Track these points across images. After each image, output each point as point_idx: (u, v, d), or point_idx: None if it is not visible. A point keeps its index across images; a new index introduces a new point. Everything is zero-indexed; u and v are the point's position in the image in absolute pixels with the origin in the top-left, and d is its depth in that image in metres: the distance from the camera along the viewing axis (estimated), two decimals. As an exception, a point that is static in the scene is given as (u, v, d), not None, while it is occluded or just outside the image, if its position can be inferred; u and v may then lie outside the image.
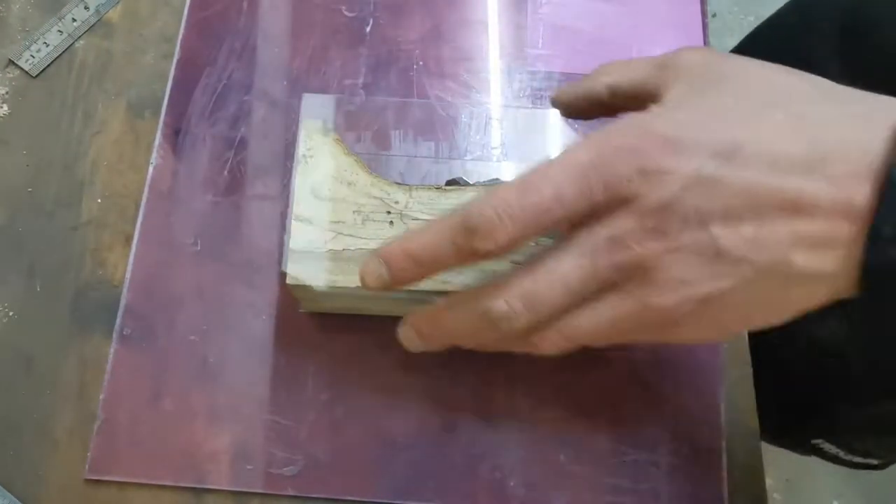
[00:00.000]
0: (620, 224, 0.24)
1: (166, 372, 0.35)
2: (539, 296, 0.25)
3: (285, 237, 0.31)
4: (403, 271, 0.26)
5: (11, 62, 0.40)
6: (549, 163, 0.24)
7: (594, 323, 0.25)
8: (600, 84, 0.29)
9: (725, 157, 0.23)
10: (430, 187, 0.32)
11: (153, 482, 0.33)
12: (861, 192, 0.22)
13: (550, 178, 0.24)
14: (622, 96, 0.29)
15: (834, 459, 0.50)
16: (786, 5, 0.57)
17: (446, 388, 0.35)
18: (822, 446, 0.49)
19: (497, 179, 0.36)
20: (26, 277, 0.36)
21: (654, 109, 0.25)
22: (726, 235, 0.23)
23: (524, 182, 0.24)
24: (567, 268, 0.25)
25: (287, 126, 0.39)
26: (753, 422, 0.36)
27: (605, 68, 0.30)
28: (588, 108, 0.31)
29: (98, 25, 0.41)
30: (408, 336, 0.29)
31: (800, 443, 0.52)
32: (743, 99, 0.24)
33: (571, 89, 0.31)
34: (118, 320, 0.35)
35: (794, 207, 0.22)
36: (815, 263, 0.22)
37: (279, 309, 0.36)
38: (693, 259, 0.23)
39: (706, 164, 0.23)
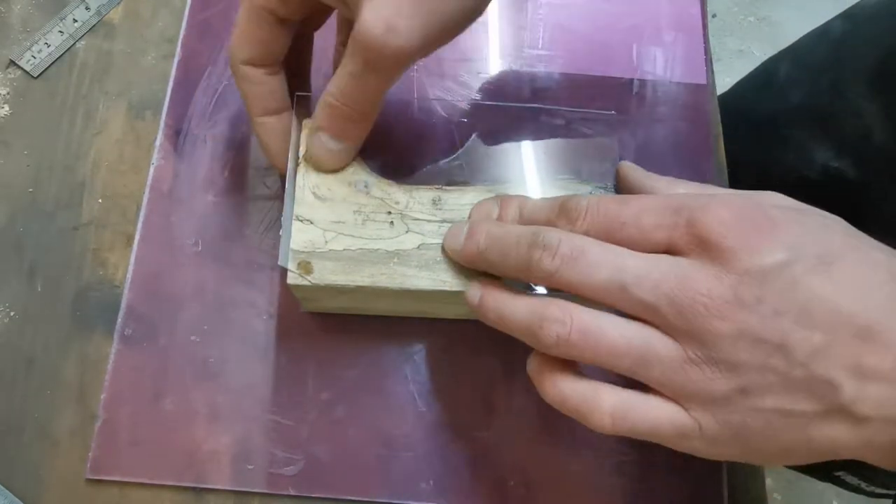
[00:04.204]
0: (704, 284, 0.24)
1: (167, 372, 0.35)
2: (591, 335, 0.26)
3: (281, 232, 0.31)
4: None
5: (12, 63, 0.40)
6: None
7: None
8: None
9: (825, 262, 0.23)
10: (430, 188, 0.32)
11: (154, 482, 0.33)
12: None
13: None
14: None
15: (855, 489, 0.49)
16: (811, 38, 0.55)
17: (446, 387, 0.35)
18: (844, 478, 0.49)
19: (498, 180, 0.36)
20: (27, 277, 0.37)
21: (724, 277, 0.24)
22: (796, 332, 0.23)
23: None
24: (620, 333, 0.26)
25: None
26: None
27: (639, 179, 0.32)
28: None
29: (99, 26, 0.42)
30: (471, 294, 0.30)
31: (822, 474, 0.52)
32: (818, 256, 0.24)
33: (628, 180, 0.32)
34: (119, 320, 0.36)
35: (867, 336, 0.22)
36: (863, 400, 0.22)
37: (280, 309, 0.36)
38: (750, 340, 0.23)
39: (803, 265, 0.23)
